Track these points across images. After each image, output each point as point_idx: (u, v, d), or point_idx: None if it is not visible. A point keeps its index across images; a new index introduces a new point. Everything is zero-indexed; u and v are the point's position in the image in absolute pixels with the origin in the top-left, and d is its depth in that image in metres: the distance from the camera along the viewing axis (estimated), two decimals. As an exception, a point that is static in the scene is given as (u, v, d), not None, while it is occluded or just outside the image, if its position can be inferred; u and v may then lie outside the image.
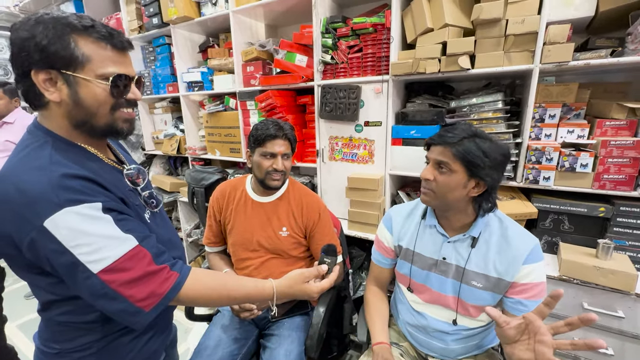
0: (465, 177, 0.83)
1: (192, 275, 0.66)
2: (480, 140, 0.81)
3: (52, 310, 0.64)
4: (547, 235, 1.35)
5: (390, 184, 1.62)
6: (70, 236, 0.54)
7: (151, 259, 0.61)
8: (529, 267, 0.84)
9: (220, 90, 2.06)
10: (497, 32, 1.24)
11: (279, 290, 0.73)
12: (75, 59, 0.57)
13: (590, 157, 1.18)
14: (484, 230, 0.90)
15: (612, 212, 1.21)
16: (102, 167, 0.65)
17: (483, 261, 0.89)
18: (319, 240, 1.21)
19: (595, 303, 1.15)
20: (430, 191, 0.88)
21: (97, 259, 0.55)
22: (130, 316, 0.59)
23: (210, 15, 1.96)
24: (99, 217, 0.56)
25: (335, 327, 1.43)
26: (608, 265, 1.12)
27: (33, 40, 0.54)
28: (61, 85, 0.58)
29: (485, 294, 0.88)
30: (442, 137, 0.85)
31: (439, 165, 0.86)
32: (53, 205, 0.52)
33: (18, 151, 0.60)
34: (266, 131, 1.11)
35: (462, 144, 0.81)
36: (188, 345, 1.79)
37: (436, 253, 0.95)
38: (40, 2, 3.07)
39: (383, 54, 1.49)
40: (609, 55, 1.15)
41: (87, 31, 0.57)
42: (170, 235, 0.79)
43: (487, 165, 0.80)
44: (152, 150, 2.73)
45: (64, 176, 0.55)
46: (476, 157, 0.80)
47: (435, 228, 0.96)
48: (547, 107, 1.26)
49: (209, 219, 1.29)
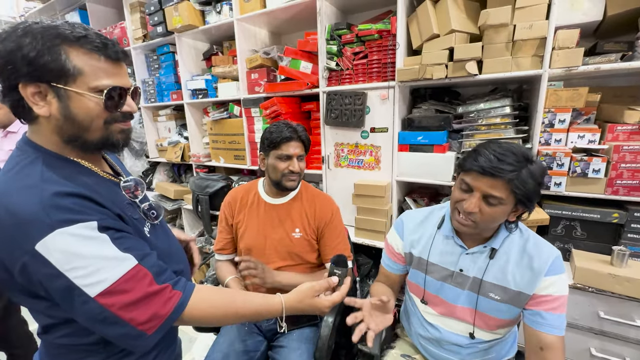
0: (512, 206, 0.77)
1: (196, 293, 0.63)
2: (533, 167, 0.73)
3: (52, 334, 0.61)
4: (559, 242, 1.33)
5: (397, 191, 1.60)
6: (64, 259, 0.51)
7: (152, 278, 0.57)
8: (550, 279, 0.80)
9: (225, 97, 2.06)
10: (505, 37, 1.23)
11: (288, 306, 0.70)
12: (67, 71, 0.53)
13: (602, 162, 1.16)
14: (504, 242, 0.87)
15: (625, 218, 1.18)
16: (97, 182, 0.61)
17: (501, 273, 0.85)
18: (328, 240, 1.20)
19: (612, 312, 1.12)
20: (473, 222, 0.80)
21: (94, 282, 0.52)
22: (133, 340, 0.56)
23: (215, 24, 1.96)
24: (94, 237, 0.53)
25: (343, 337, 1.41)
26: (624, 273, 1.09)
27: (20, 52, 0.51)
28: (51, 99, 0.54)
29: (504, 307, 0.85)
30: (495, 168, 0.73)
31: (486, 198, 0.77)
32: (45, 226, 0.49)
33: (7, 169, 0.56)
34: (281, 134, 1.11)
35: (519, 177, 0.72)
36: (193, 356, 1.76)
37: (453, 264, 0.92)
38: (46, 12, 3.10)
39: (389, 60, 1.48)
40: (619, 59, 1.13)
41: (79, 42, 0.54)
42: (172, 248, 0.75)
43: (537, 193, 0.75)
44: (156, 157, 2.72)
45: (56, 195, 0.51)
46: (533, 192, 0.72)
47: (453, 239, 0.92)
48: (556, 112, 1.25)
49: (220, 225, 1.27)
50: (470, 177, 0.79)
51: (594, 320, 1.14)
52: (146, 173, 2.89)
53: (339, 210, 1.26)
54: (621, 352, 1.12)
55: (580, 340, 1.18)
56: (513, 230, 0.86)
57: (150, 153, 2.75)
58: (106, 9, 2.76)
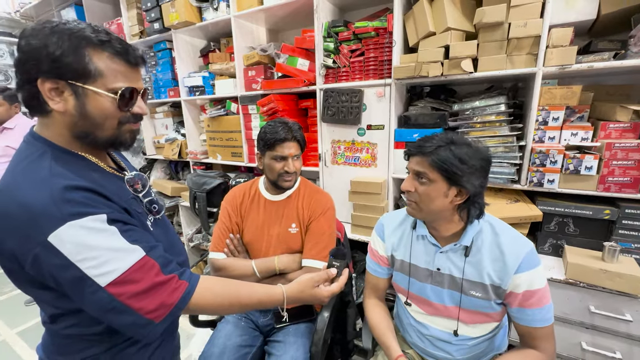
0: (445, 186, 0.82)
1: (201, 283, 0.65)
2: (457, 147, 0.80)
3: (58, 324, 0.63)
4: (552, 238, 1.34)
5: (393, 188, 1.61)
6: (76, 250, 0.52)
7: (159, 269, 0.60)
8: (523, 275, 0.81)
9: (222, 94, 2.06)
10: (500, 35, 1.24)
11: (289, 295, 0.73)
12: (88, 72, 0.56)
13: (594, 159, 1.18)
14: (476, 238, 0.88)
15: (617, 214, 1.20)
16: (103, 177, 0.64)
17: (477, 270, 0.87)
18: (311, 233, 1.18)
19: (603, 306, 1.14)
20: (414, 203, 0.88)
21: (104, 272, 0.54)
22: (141, 328, 0.58)
23: (212, 20, 1.96)
24: (104, 229, 0.55)
25: (338, 333, 1.42)
26: (615, 269, 1.11)
27: (45, 49, 0.53)
28: (68, 96, 0.57)
29: (486, 303, 0.87)
30: (419, 147, 0.85)
31: (418, 176, 0.85)
32: (56, 219, 0.51)
33: (16, 163, 0.58)
34: (275, 135, 1.11)
35: (437, 153, 0.80)
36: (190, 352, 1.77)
37: (430, 264, 0.94)
38: (42, 8, 3.08)
39: (385, 58, 1.49)
40: (612, 58, 1.15)
41: (103, 46, 0.57)
42: (173, 241, 0.78)
43: (466, 172, 0.79)
44: (153, 154, 2.72)
45: (65, 188, 0.53)
46: (452, 165, 0.79)
47: (427, 238, 0.94)
48: (550, 109, 1.26)
49: (221, 224, 1.25)
50: (409, 162, 0.89)
51: (585, 315, 1.16)
52: (143, 170, 2.88)
53: (333, 209, 1.25)
54: (611, 346, 1.14)
55: (572, 334, 1.19)
56: (474, 220, 0.87)
57: (147, 150, 2.75)
58: (102, 4, 2.74)
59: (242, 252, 1.23)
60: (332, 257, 0.81)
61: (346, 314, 1.42)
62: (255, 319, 1.23)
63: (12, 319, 2.28)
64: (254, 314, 1.24)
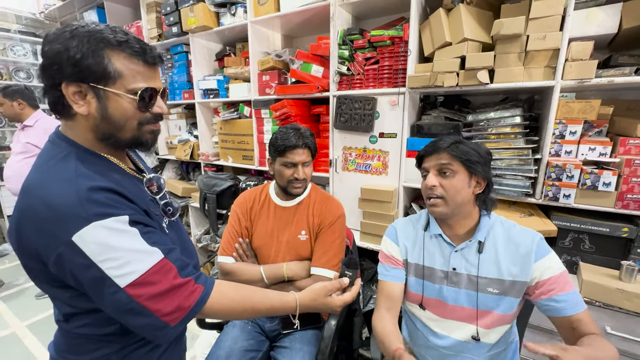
0: (467, 176, 0.87)
1: (216, 287, 0.66)
2: (466, 143, 0.88)
3: (72, 322, 0.64)
4: (566, 255, 1.31)
5: (403, 196, 1.60)
6: (98, 250, 0.53)
7: (176, 272, 0.60)
8: (542, 262, 0.83)
9: (236, 98, 2.09)
10: (518, 47, 1.23)
11: (301, 303, 0.73)
12: (108, 74, 0.57)
13: (613, 175, 1.15)
14: (489, 234, 0.90)
15: (636, 232, 1.17)
16: (124, 178, 0.65)
17: (494, 265, 0.87)
18: (319, 244, 1.18)
19: (619, 327, 1.10)
20: (439, 199, 0.88)
21: (124, 273, 0.55)
22: (157, 331, 0.58)
23: (229, 25, 2.00)
24: (125, 231, 0.56)
25: (344, 341, 1.41)
26: (633, 289, 1.08)
27: (66, 53, 0.54)
28: (90, 99, 0.58)
29: (502, 299, 0.87)
30: (434, 146, 0.90)
31: (440, 171, 0.88)
32: (81, 219, 0.52)
33: (42, 162, 0.59)
34: (286, 142, 1.11)
35: (455, 146, 0.87)
36: (195, 353, 1.78)
37: (445, 264, 0.93)
38: (65, 10, 3.18)
39: (400, 67, 1.49)
40: (634, 73, 1.13)
41: (121, 46, 0.57)
42: (186, 244, 0.78)
43: (481, 162, 0.86)
44: (166, 155, 2.77)
45: (91, 189, 0.54)
46: (471, 154, 0.85)
47: (441, 237, 0.95)
48: (567, 123, 1.24)
49: (230, 227, 1.25)
50: (424, 163, 0.93)
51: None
52: (155, 170, 2.93)
53: (343, 216, 1.24)
54: (627, 369, 1.11)
55: (586, 354, 1.16)
56: (489, 213, 0.92)
57: (160, 150, 2.79)
58: (123, 7, 2.83)
59: (250, 256, 1.23)
60: (345, 267, 0.81)
61: (353, 322, 1.41)
62: (261, 323, 1.23)
63: (23, 311, 2.32)
64: (261, 319, 1.23)
